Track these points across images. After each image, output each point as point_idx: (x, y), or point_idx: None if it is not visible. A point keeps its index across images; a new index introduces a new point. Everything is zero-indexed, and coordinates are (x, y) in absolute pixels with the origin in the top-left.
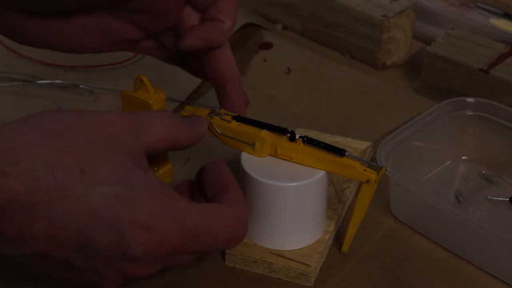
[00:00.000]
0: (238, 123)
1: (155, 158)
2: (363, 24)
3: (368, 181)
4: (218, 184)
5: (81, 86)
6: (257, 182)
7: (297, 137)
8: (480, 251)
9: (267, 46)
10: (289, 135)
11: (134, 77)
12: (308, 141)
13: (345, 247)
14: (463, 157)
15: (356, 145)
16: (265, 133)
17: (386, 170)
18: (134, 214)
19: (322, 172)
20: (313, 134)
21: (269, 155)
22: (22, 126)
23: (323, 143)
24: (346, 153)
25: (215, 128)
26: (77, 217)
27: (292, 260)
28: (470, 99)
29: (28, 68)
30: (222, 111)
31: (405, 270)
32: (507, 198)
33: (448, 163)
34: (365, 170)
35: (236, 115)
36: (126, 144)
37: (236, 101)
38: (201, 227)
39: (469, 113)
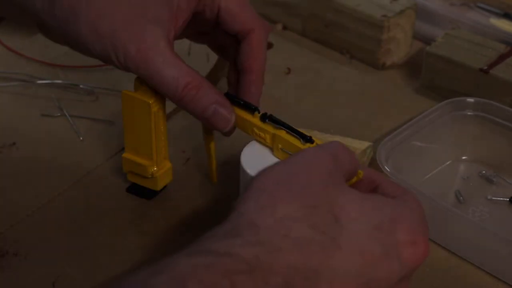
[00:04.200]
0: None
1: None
2: (363, 24)
3: None
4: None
5: (81, 86)
6: None
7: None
8: (480, 251)
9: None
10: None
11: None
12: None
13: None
14: (463, 157)
15: (356, 145)
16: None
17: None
18: (395, 237)
19: None
20: (313, 134)
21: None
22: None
23: (288, 126)
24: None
25: None
26: (353, 262)
27: None
28: (470, 99)
29: (28, 68)
30: None
31: None
32: (507, 198)
33: (448, 163)
34: None
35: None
36: (338, 173)
37: (255, 88)
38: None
39: (469, 113)
